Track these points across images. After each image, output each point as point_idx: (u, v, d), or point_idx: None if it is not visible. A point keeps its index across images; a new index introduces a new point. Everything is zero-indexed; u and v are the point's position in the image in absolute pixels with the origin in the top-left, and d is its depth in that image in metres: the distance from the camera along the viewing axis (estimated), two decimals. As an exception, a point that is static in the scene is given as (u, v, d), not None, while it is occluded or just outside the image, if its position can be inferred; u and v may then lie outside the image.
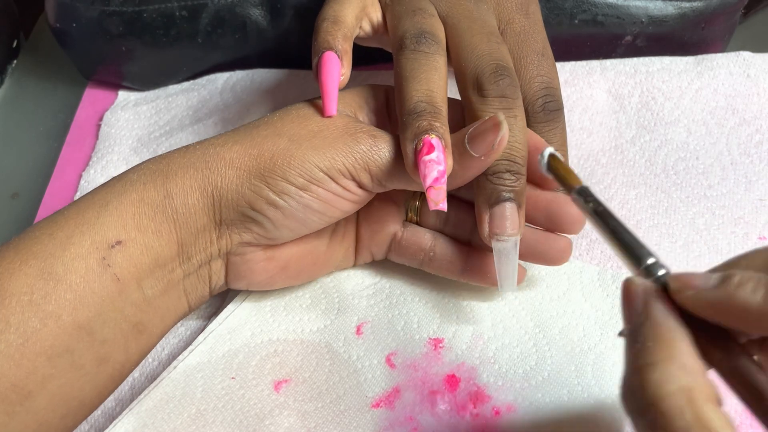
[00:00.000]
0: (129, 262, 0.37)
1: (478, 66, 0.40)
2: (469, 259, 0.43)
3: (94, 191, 0.39)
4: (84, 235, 0.37)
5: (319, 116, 0.40)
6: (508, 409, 0.40)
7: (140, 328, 0.39)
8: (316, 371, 0.42)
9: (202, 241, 0.39)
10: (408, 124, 0.38)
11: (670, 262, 0.46)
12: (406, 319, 0.44)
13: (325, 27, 0.42)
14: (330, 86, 0.40)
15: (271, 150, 0.38)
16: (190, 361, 0.42)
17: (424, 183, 0.37)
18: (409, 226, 0.44)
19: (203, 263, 0.40)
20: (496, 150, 0.38)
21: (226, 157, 0.39)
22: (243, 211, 0.39)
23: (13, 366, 0.35)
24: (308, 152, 0.38)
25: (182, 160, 0.39)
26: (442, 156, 0.37)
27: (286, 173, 0.38)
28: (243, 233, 0.40)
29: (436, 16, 0.43)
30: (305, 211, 0.39)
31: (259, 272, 0.42)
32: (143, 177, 0.39)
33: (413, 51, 0.40)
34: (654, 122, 0.53)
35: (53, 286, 0.36)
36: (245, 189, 0.38)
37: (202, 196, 0.38)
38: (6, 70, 0.63)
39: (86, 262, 0.36)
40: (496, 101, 0.39)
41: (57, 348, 0.36)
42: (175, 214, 0.38)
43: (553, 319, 0.43)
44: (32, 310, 0.35)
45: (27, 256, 0.36)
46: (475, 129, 0.38)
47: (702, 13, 0.55)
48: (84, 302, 0.36)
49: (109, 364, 0.38)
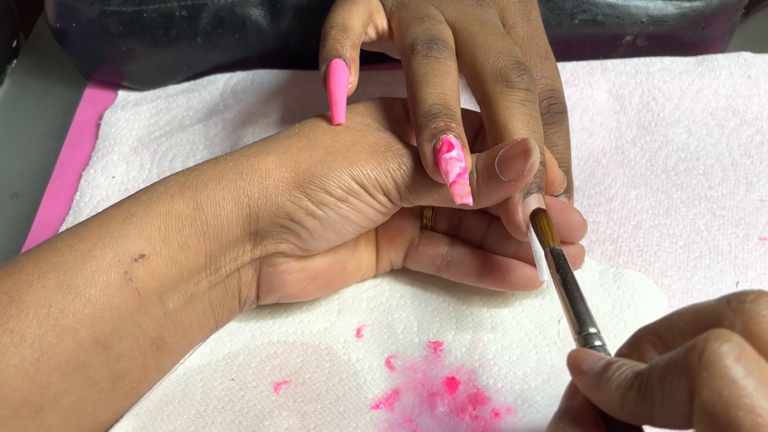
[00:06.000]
0: (151, 277, 0.37)
1: (499, 60, 0.40)
2: (486, 264, 0.43)
3: (119, 203, 0.39)
4: (106, 247, 0.36)
5: (350, 129, 0.40)
6: (508, 411, 0.40)
7: (159, 344, 0.38)
8: (316, 373, 0.42)
9: (233, 253, 0.39)
10: (424, 125, 0.38)
11: (671, 263, 0.46)
12: (406, 323, 0.44)
13: (333, 35, 0.42)
14: (338, 94, 0.40)
15: (308, 162, 0.38)
16: (190, 363, 0.42)
17: (447, 179, 0.36)
18: (425, 232, 0.44)
19: (231, 273, 0.40)
20: (526, 176, 0.37)
21: (261, 168, 0.38)
22: (281, 222, 0.38)
23: (27, 381, 0.34)
24: (345, 165, 0.38)
25: (213, 172, 0.39)
26: (462, 153, 0.37)
27: (325, 184, 0.38)
28: (279, 244, 0.39)
29: (444, 23, 0.43)
30: (342, 221, 0.39)
31: (291, 284, 0.41)
32: (171, 189, 0.38)
33: (425, 56, 0.40)
34: (655, 123, 0.53)
35: (72, 300, 0.35)
36: (284, 200, 0.38)
37: (236, 207, 0.38)
38: (6, 70, 0.63)
39: (107, 276, 0.36)
40: (523, 93, 0.39)
41: (72, 363, 0.35)
42: (205, 226, 0.38)
43: (553, 320, 0.43)
44: (49, 323, 0.34)
45: (46, 267, 0.35)
46: (505, 152, 0.37)
47: (702, 13, 0.55)
48: (102, 317, 0.36)
49: (125, 381, 0.38)
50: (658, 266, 0.46)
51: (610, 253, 0.47)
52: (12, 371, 0.34)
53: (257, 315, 0.44)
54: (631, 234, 0.48)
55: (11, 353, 0.34)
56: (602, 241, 0.48)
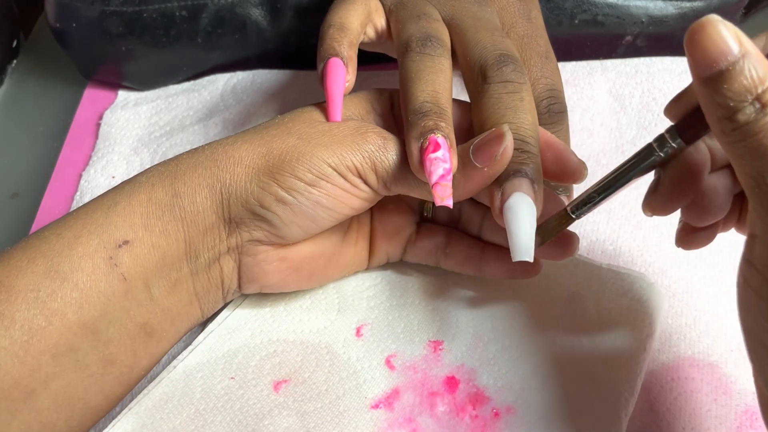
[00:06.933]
0: (136, 262, 0.37)
1: (483, 56, 0.40)
2: (484, 253, 0.43)
3: (104, 194, 0.40)
4: (92, 234, 0.37)
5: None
6: (508, 411, 0.40)
7: (148, 330, 0.39)
8: (316, 372, 0.42)
9: (210, 239, 0.39)
10: (413, 123, 0.38)
11: (671, 263, 0.46)
12: (406, 322, 0.44)
13: (331, 33, 0.42)
14: (335, 92, 0.40)
15: (280, 147, 0.39)
16: (190, 361, 0.42)
17: (430, 180, 0.36)
18: (423, 225, 0.45)
19: (212, 261, 0.40)
20: (499, 161, 0.36)
21: (235, 155, 0.39)
22: (252, 209, 0.39)
23: (17, 363, 0.35)
24: (317, 149, 0.38)
25: (191, 160, 0.40)
26: (448, 155, 0.37)
27: (294, 169, 0.38)
28: (253, 231, 0.40)
29: (440, 21, 0.43)
30: (314, 207, 0.39)
31: (272, 273, 0.42)
32: (152, 178, 0.39)
33: (419, 53, 0.40)
34: (655, 123, 0.53)
35: (59, 284, 0.36)
36: (254, 186, 0.38)
37: (210, 193, 0.39)
38: (6, 70, 0.63)
39: (93, 261, 0.37)
40: (500, 86, 0.39)
41: (61, 346, 0.36)
42: (183, 213, 0.38)
43: (553, 320, 0.43)
44: (38, 307, 0.35)
45: (34, 254, 0.36)
46: (480, 140, 0.37)
47: (702, 13, 0.54)
48: (90, 301, 0.36)
49: (116, 366, 0.38)
50: (658, 266, 0.46)
51: (610, 253, 0.47)
52: (2, 353, 0.34)
53: (257, 313, 0.44)
54: (631, 234, 0.48)
55: (1, 336, 0.34)
56: (602, 241, 0.48)
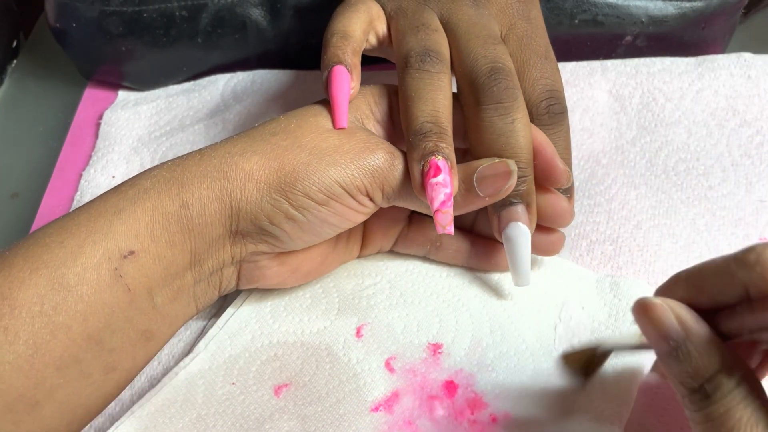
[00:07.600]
0: (141, 273, 0.37)
1: (474, 69, 0.41)
2: (474, 246, 0.45)
3: (105, 197, 0.39)
4: (96, 244, 0.36)
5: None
6: (505, 417, 0.40)
7: (148, 336, 0.39)
8: (316, 375, 0.42)
9: (215, 250, 0.39)
10: (415, 145, 0.39)
11: (671, 263, 0.46)
12: (405, 322, 0.44)
13: (335, 42, 0.42)
14: (340, 100, 0.41)
15: (292, 163, 0.38)
16: (192, 368, 0.42)
17: (432, 206, 0.38)
18: (415, 218, 0.45)
19: (215, 270, 0.40)
20: (502, 194, 0.39)
21: (245, 169, 0.38)
22: (260, 224, 0.39)
23: (22, 377, 0.34)
24: (329, 168, 0.38)
25: (198, 169, 0.39)
26: (449, 178, 0.38)
27: (306, 189, 0.38)
28: (258, 244, 0.40)
29: (440, 31, 0.43)
30: (322, 225, 0.39)
31: (271, 276, 0.42)
32: (157, 185, 0.38)
33: (418, 70, 0.40)
34: (655, 123, 0.53)
35: (64, 297, 0.35)
36: (265, 203, 0.38)
37: (220, 207, 0.38)
38: (6, 70, 0.63)
39: (98, 273, 0.36)
40: (491, 109, 0.40)
41: (66, 359, 0.36)
42: (191, 224, 0.38)
43: (550, 328, 0.43)
44: (42, 321, 0.35)
45: (37, 264, 0.36)
46: (486, 169, 0.38)
47: (702, 13, 0.55)
48: (94, 313, 0.36)
49: (117, 372, 0.38)
50: (658, 266, 0.46)
51: (610, 253, 0.47)
52: (7, 368, 0.34)
53: (257, 314, 0.44)
54: (631, 234, 0.48)
55: (6, 351, 0.34)
56: (602, 241, 0.48)
